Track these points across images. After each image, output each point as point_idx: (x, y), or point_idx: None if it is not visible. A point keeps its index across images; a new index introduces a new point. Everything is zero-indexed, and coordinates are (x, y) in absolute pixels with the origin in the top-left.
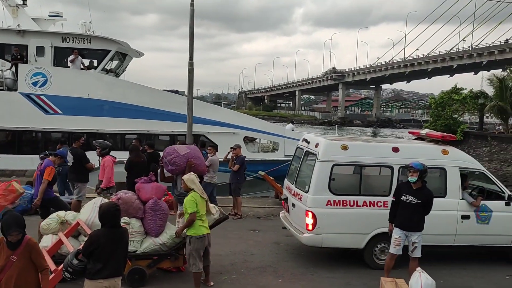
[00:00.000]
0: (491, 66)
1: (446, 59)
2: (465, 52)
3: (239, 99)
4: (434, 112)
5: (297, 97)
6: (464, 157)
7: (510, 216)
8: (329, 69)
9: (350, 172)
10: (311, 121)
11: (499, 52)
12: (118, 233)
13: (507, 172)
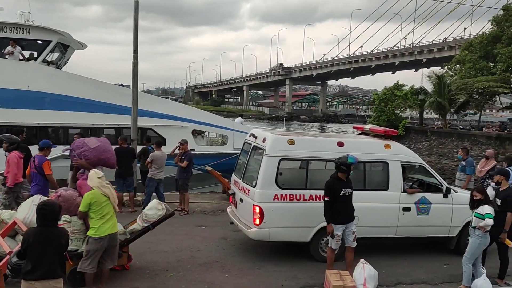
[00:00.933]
0: (430, 64)
1: (388, 56)
2: (406, 49)
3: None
4: (377, 107)
5: (245, 92)
6: (406, 151)
7: (448, 207)
8: (276, 65)
9: (296, 166)
10: (259, 116)
11: (438, 50)
12: (50, 233)
13: (445, 165)
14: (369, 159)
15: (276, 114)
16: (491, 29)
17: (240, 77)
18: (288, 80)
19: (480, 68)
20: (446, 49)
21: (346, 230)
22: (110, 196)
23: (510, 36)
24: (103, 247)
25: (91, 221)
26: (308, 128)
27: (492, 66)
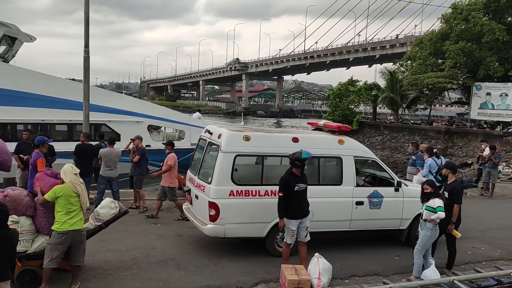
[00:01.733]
0: (383, 60)
1: (343, 52)
2: (360, 46)
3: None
4: (332, 103)
5: (201, 87)
6: (358, 146)
7: (399, 201)
8: (232, 60)
9: (252, 162)
10: (215, 112)
11: (390, 47)
12: (4, 235)
13: (397, 159)
14: (323, 155)
15: (233, 109)
16: (440, 26)
17: (196, 72)
18: (245, 75)
19: (430, 65)
20: (398, 46)
21: (300, 225)
22: (80, 195)
23: (458, 34)
24: (66, 243)
25: (57, 215)
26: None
27: (441, 62)
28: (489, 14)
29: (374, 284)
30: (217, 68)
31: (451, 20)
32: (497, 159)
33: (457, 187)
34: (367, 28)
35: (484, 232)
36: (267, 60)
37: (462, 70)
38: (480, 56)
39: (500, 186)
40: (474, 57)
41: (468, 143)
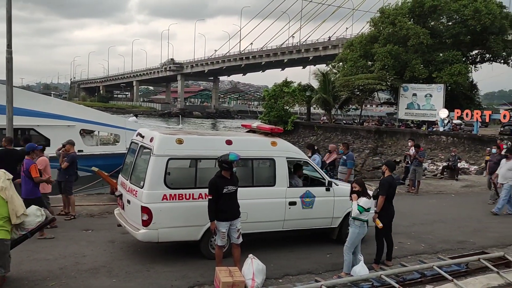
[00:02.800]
0: (316, 61)
1: (278, 54)
2: (294, 47)
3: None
4: (267, 103)
5: (135, 87)
6: (291, 147)
7: (330, 200)
8: (167, 60)
9: (186, 165)
10: (150, 113)
11: (323, 49)
12: None
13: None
14: (256, 156)
15: (168, 110)
16: (369, 30)
17: (129, 72)
18: (180, 75)
19: (360, 66)
20: (330, 48)
21: (231, 227)
22: (9, 202)
23: (386, 37)
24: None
25: None
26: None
27: (371, 64)
28: (414, 18)
29: (307, 283)
30: (152, 69)
31: (379, 24)
32: (421, 157)
33: (383, 180)
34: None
35: (409, 227)
36: (202, 61)
37: (390, 72)
38: (407, 59)
39: (425, 183)
40: (401, 59)
41: (397, 142)
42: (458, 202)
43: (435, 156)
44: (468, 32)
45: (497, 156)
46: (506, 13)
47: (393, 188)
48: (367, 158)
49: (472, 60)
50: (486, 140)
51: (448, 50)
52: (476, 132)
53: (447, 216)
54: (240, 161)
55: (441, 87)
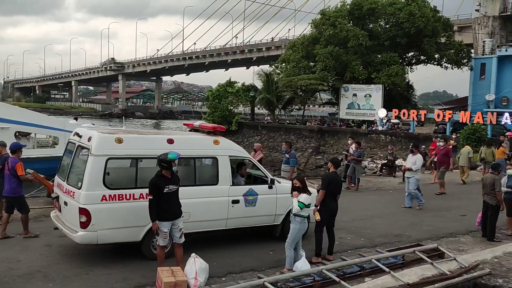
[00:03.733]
0: (260, 62)
1: (221, 54)
2: (237, 48)
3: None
4: (211, 104)
5: (74, 88)
6: (234, 146)
7: (272, 197)
8: (108, 59)
9: (126, 165)
10: (90, 113)
11: (266, 49)
12: None
13: (274, 158)
14: (199, 155)
15: (109, 111)
16: (311, 31)
17: (67, 71)
18: (121, 75)
19: (303, 67)
20: (273, 48)
21: (173, 226)
22: None
23: (326, 38)
24: None
25: None
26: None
27: (312, 65)
28: (353, 21)
29: (249, 280)
30: (91, 68)
31: (320, 25)
32: (360, 157)
33: (324, 175)
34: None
35: (350, 223)
36: (144, 61)
37: (331, 73)
38: (347, 60)
39: (364, 180)
40: (341, 60)
41: (338, 141)
42: (396, 198)
43: (375, 154)
44: (404, 35)
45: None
46: (439, 16)
47: (335, 184)
48: (310, 157)
49: (408, 62)
50: (421, 138)
51: (386, 52)
52: (412, 131)
53: (385, 211)
54: (181, 160)
55: (379, 88)
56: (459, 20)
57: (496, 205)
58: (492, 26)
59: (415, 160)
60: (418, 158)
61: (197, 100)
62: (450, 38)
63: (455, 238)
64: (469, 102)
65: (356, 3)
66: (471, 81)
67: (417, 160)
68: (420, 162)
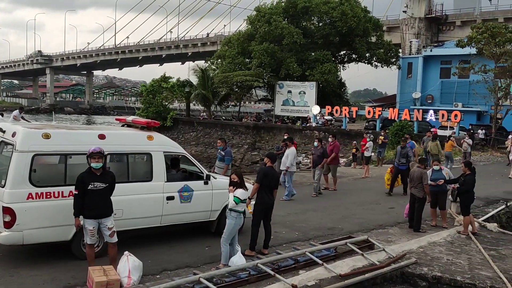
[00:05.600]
0: (195, 57)
1: (155, 49)
2: (172, 42)
3: None
4: (145, 99)
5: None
6: (168, 142)
7: (208, 193)
8: (34, 52)
9: (54, 161)
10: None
11: (201, 45)
12: None
13: (210, 154)
14: (132, 151)
15: (36, 106)
16: (247, 27)
17: None
18: (49, 69)
19: (239, 63)
20: (209, 44)
21: (101, 225)
22: None
23: (262, 35)
24: None
25: None
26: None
27: (248, 61)
28: (288, 18)
29: (185, 276)
30: (16, 61)
31: (256, 22)
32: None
33: (259, 169)
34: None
35: (285, 217)
36: (74, 54)
37: (266, 69)
38: (282, 57)
39: (299, 175)
40: (276, 57)
41: (274, 137)
42: (329, 192)
43: (309, 150)
44: (337, 34)
45: (320, 149)
46: (370, 17)
47: (271, 178)
48: (246, 153)
49: (341, 60)
50: (353, 134)
51: (319, 50)
52: (345, 127)
53: (318, 205)
54: (114, 156)
55: (313, 85)
56: (388, 20)
57: (423, 197)
58: (418, 27)
59: (288, 153)
60: (290, 151)
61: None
62: (380, 38)
63: (384, 230)
64: (398, 100)
65: (291, 1)
66: (399, 80)
67: (290, 153)
68: (292, 155)
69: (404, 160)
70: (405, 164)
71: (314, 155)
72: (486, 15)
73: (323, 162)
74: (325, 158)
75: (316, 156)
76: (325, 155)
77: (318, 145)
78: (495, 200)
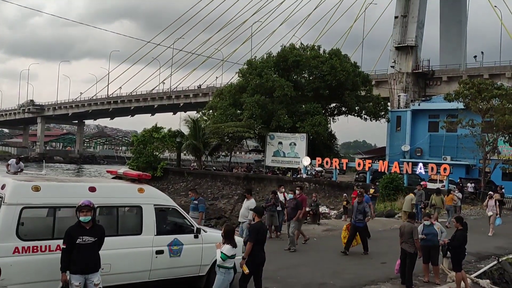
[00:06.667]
0: (187, 108)
1: (148, 99)
2: (165, 93)
3: None
4: (136, 149)
5: None
6: (159, 194)
7: (198, 247)
8: (26, 101)
9: (43, 214)
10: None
11: (193, 96)
12: None
13: None
14: (122, 204)
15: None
16: (238, 80)
17: None
18: (41, 118)
19: (230, 114)
20: (201, 95)
21: (87, 281)
22: None
23: (253, 88)
24: None
25: None
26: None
27: (239, 113)
28: (279, 71)
29: None
30: (7, 110)
31: (247, 75)
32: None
33: (251, 227)
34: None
35: (276, 271)
36: (66, 103)
37: (257, 121)
38: (273, 109)
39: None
40: (267, 109)
41: (264, 188)
42: (320, 246)
43: None
44: (327, 87)
45: (293, 202)
46: (359, 71)
47: (262, 234)
48: (236, 204)
49: (331, 112)
50: (344, 186)
51: (310, 102)
52: (335, 179)
53: (309, 259)
54: (103, 209)
55: (304, 136)
56: (376, 75)
57: (414, 252)
58: (406, 82)
59: (248, 205)
60: (251, 203)
61: (121, 145)
62: (369, 92)
63: (377, 286)
64: (387, 152)
65: (281, 55)
66: (388, 132)
67: (250, 205)
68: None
69: (361, 216)
70: (362, 221)
71: (288, 208)
72: (471, 71)
73: (298, 214)
74: (299, 210)
75: (290, 209)
76: (299, 207)
77: (294, 197)
78: (486, 255)
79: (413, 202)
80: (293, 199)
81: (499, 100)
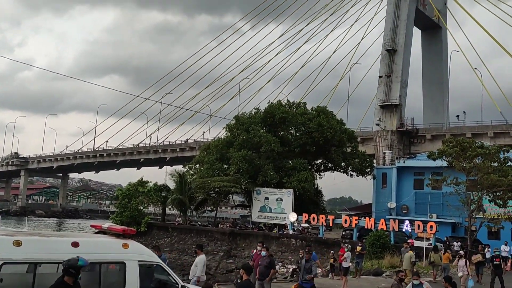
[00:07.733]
0: (173, 162)
1: (134, 153)
2: (151, 147)
3: None
4: (121, 203)
5: None
6: (143, 250)
7: None
8: (10, 154)
9: (23, 270)
10: None
11: (180, 150)
12: None
13: (184, 261)
14: (105, 260)
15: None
16: (226, 135)
17: None
18: (24, 171)
19: (217, 169)
20: (187, 150)
21: None
22: None
23: (240, 143)
24: None
25: None
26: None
27: (226, 167)
28: (266, 127)
29: None
30: None
31: (235, 130)
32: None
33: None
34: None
35: None
36: (51, 156)
37: (244, 176)
38: (259, 164)
39: (276, 286)
40: (254, 164)
41: (250, 245)
42: None
43: (285, 258)
44: (313, 143)
45: (266, 259)
46: (345, 128)
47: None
48: (221, 261)
49: (317, 168)
50: (330, 243)
51: (296, 158)
52: (321, 236)
53: None
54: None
55: (290, 192)
56: (362, 132)
57: None
58: (391, 139)
59: (196, 262)
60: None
61: (105, 199)
62: (355, 149)
63: None
64: (373, 209)
65: (268, 111)
66: (374, 189)
67: (198, 262)
68: (201, 263)
69: None
70: (309, 282)
71: (260, 266)
72: (454, 130)
73: (271, 273)
74: (272, 269)
75: (263, 267)
76: (273, 265)
77: (267, 254)
78: None
79: (412, 260)
80: (266, 256)
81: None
